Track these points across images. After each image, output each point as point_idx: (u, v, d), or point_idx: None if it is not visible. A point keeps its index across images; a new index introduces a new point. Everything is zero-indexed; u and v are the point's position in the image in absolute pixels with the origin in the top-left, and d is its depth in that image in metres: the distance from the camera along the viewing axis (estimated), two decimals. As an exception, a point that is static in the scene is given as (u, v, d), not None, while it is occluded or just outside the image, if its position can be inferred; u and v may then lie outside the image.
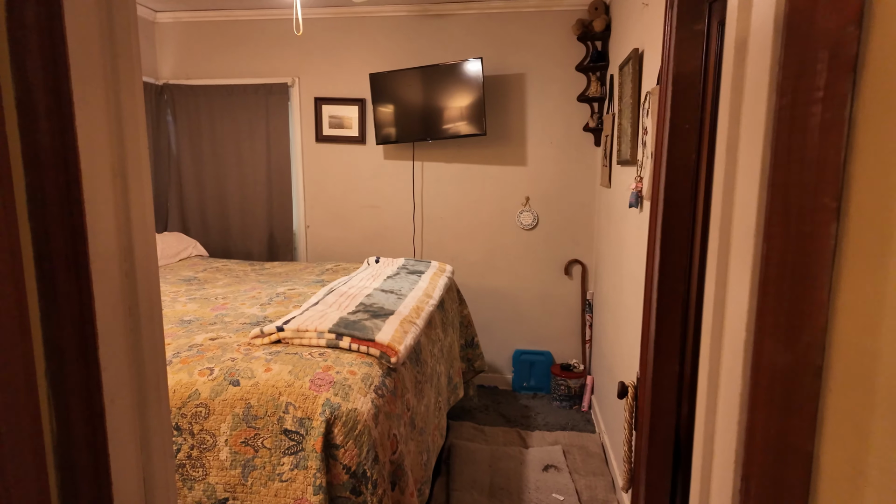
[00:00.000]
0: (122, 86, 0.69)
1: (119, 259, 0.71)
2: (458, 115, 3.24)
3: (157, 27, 3.77)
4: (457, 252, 3.60)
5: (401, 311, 1.95)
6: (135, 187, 0.72)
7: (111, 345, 0.69)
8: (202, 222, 3.87)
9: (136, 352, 0.74)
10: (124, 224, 0.72)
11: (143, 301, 0.74)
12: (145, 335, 0.75)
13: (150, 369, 0.77)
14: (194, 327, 1.87)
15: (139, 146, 0.73)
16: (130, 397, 0.74)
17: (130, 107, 0.72)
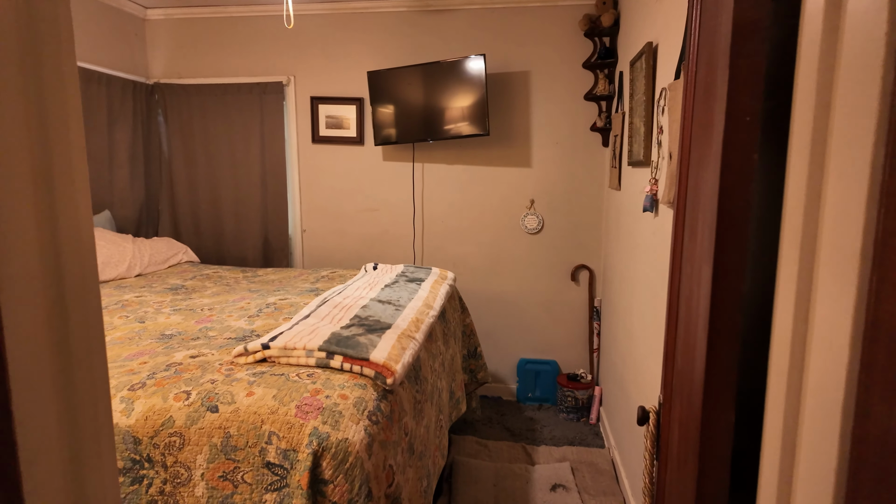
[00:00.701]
0: (46, 74, 0.55)
1: (42, 283, 0.56)
2: (460, 115, 3.10)
3: (148, 24, 3.64)
4: (458, 257, 3.46)
5: (399, 325, 1.81)
6: (65, 193, 0.57)
7: (30, 391, 0.55)
8: (195, 227, 3.74)
9: (67, 397, 0.60)
10: (49, 239, 0.57)
11: (78, 334, 0.59)
12: (81, 376, 0.61)
13: (87, 418, 0.62)
14: (175, 343, 1.73)
15: (71, 145, 0.58)
16: (59, 455, 0.59)
17: (59, 99, 0.57)
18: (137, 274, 2.80)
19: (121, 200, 3.39)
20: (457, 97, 3.09)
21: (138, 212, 3.53)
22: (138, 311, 2.10)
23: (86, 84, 3.08)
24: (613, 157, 2.90)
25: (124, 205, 3.40)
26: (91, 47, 3.20)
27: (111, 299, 2.26)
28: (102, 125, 3.22)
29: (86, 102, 3.09)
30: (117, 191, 3.37)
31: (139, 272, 2.81)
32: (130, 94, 3.41)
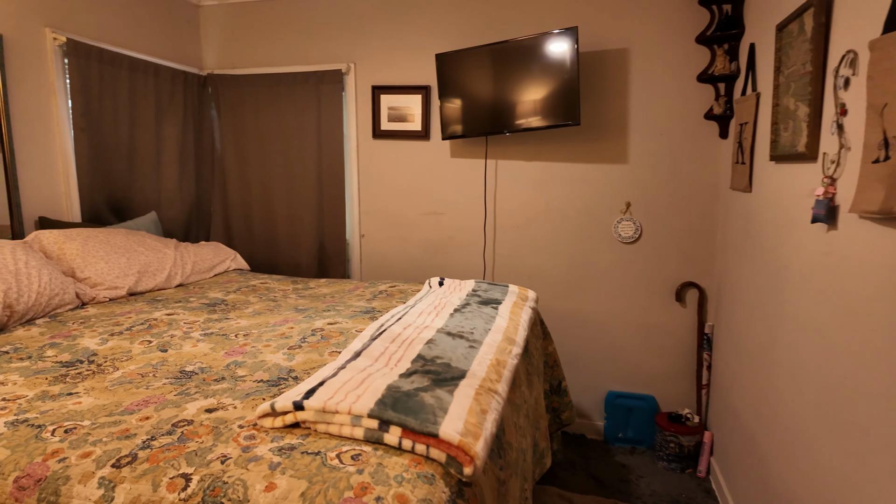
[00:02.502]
0: None
1: None
2: (543, 102, 2.61)
3: (202, 11, 3.39)
4: (535, 269, 2.97)
5: (475, 372, 1.35)
6: None
7: None
8: (247, 230, 3.46)
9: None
10: None
11: None
12: None
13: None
14: (193, 386, 1.36)
15: None
16: None
17: None
18: (178, 284, 2.51)
19: (168, 201, 3.14)
20: (540, 81, 2.59)
21: (188, 213, 3.28)
22: (164, 334, 1.77)
23: (131, 73, 2.83)
24: (738, 151, 2.32)
25: (172, 206, 3.16)
26: (139, 35, 2.96)
27: (139, 317, 1.95)
28: (149, 119, 2.97)
29: (131, 94, 2.85)
30: (165, 191, 3.12)
31: (180, 282, 2.52)
32: (181, 85, 3.16)
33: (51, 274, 1.99)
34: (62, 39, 2.47)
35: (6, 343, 1.66)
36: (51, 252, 2.19)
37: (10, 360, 1.52)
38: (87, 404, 1.25)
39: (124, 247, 2.41)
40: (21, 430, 1.12)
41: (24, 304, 1.85)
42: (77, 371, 1.46)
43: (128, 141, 2.86)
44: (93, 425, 1.14)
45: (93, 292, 2.17)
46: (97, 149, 2.69)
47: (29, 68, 2.37)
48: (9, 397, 1.28)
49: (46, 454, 1.04)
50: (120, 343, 1.68)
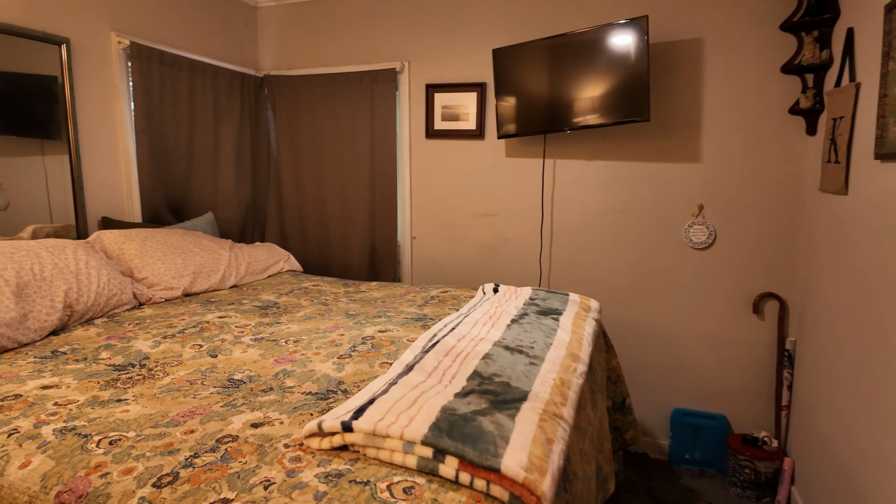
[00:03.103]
0: None
1: None
2: (606, 98, 2.44)
3: (260, 13, 3.41)
4: (596, 275, 2.80)
5: (538, 393, 1.23)
6: None
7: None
8: (301, 231, 3.46)
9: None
10: None
11: None
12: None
13: None
14: (240, 397, 1.30)
15: None
16: None
17: None
18: (232, 285, 2.51)
19: (225, 201, 3.18)
20: (605, 74, 2.43)
21: (243, 214, 3.31)
22: (215, 338, 1.74)
23: (190, 76, 2.87)
24: (831, 149, 2.08)
25: (228, 206, 3.19)
26: (199, 37, 3.00)
27: (192, 319, 1.94)
28: (208, 120, 3.01)
29: (190, 96, 2.89)
30: (221, 191, 3.16)
31: (234, 283, 2.52)
32: (238, 87, 3.19)
33: (109, 274, 2.02)
34: (126, 43, 2.52)
35: (65, 343, 1.68)
36: (111, 252, 2.23)
37: (66, 362, 1.52)
38: (134, 413, 1.21)
39: (181, 247, 2.42)
40: (68, 440, 1.09)
41: (83, 304, 1.87)
42: (128, 375, 1.44)
43: (187, 142, 2.91)
44: (137, 437, 1.10)
45: (149, 293, 2.18)
46: (157, 150, 2.73)
47: (94, 72, 2.43)
48: (61, 402, 1.27)
49: (90, 468, 1.00)
50: (172, 346, 1.66)
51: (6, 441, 1.09)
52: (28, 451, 1.06)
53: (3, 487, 0.99)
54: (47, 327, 1.73)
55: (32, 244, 1.88)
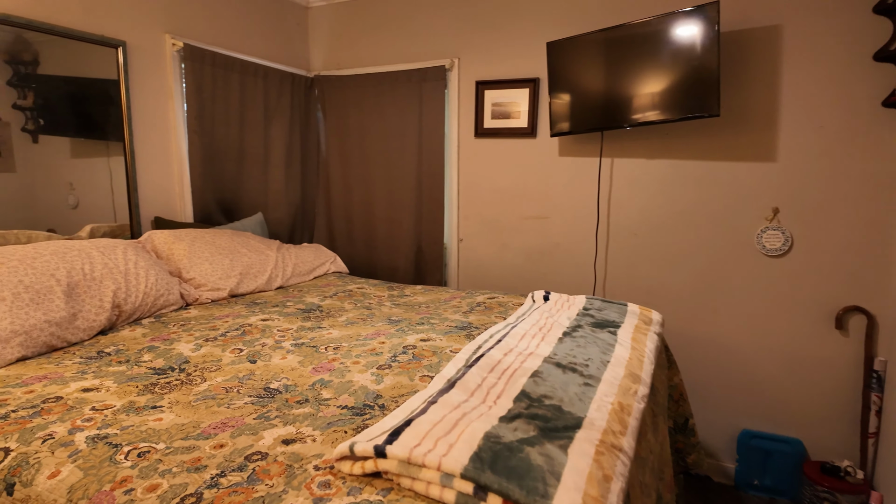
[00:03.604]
0: None
1: None
2: (671, 92, 2.26)
3: (311, 13, 3.41)
4: (656, 283, 2.61)
5: (593, 420, 1.10)
6: None
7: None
8: (348, 232, 3.43)
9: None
10: None
11: None
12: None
13: None
14: (275, 408, 1.25)
15: None
16: None
17: None
18: (278, 286, 2.50)
19: (275, 202, 3.19)
20: (670, 66, 2.24)
21: (293, 214, 3.32)
22: (256, 342, 1.71)
23: (242, 77, 2.89)
24: (936, 145, 1.82)
25: (278, 207, 3.20)
26: (250, 39, 3.02)
27: (235, 321, 1.92)
28: (258, 121, 3.02)
29: (241, 96, 2.90)
30: (271, 192, 3.17)
31: (280, 284, 2.51)
32: (288, 87, 3.19)
33: (157, 274, 2.03)
34: (180, 45, 2.56)
35: (111, 343, 1.68)
36: (161, 252, 2.25)
37: (109, 363, 1.52)
38: (167, 422, 1.18)
39: (228, 248, 2.43)
40: (98, 449, 1.06)
41: (131, 304, 1.88)
42: (167, 380, 1.41)
43: (238, 143, 2.93)
44: (166, 449, 1.06)
45: (196, 293, 2.19)
46: (209, 151, 2.76)
47: (149, 74, 2.47)
48: (98, 406, 1.25)
49: (115, 482, 0.96)
50: (212, 350, 1.64)
51: (40, 447, 1.07)
52: (59, 459, 1.03)
53: (30, 498, 0.97)
54: (96, 327, 1.75)
55: (85, 244, 1.91)
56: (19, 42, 2.00)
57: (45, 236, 2.10)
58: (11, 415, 1.20)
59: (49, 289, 1.65)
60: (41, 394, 1.31)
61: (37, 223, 2.10)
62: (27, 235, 2.05)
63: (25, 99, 2.04)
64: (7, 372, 1.44)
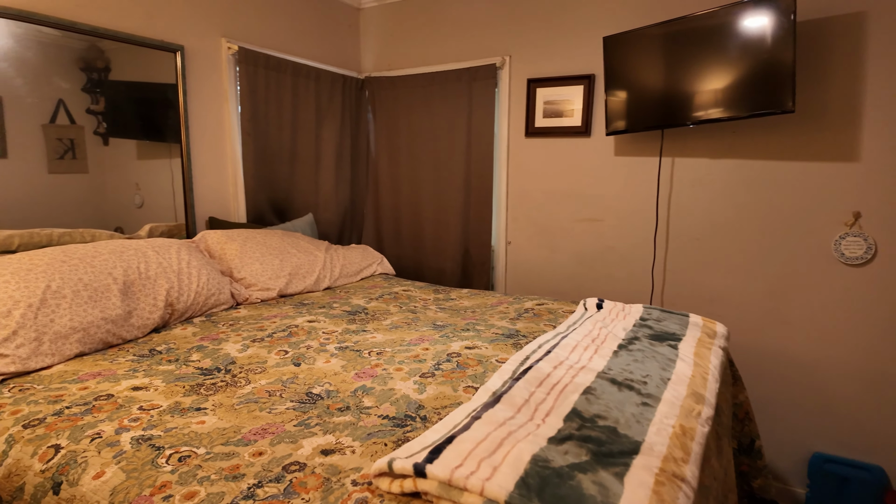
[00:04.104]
0: None
1: None
2: (738, 87, 2.10)
3: (362, 14, 3.42)
4: (720, 292, 2.44)
5: (653, 445, 1.01)
6: None
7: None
8: (395, 234, 3.42)
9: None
10: None
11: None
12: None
13: None
14: (315, 416, 1.22)
15: None
16: None
17: None
18: (326, 287, 2.50)
19: (325, 203, 3.21)
20: (738, 59, 2.09)
21: (342, 215, 3.34)
22: (301, 345, 1.70)
23: (294, 79, 2.92)
24: None
25: (328, 208, 3.22)
26: (303, 41, 3.05)
27: (283, 322, 1.92)
28: (310, 123, 3.05)
29: (294, 98, 2.94)
30: (322, 193, 3.19)
31: (328, 285, 2.51)
32: (340, 89, 3.21)
33: (209, 274, 2.06)
34: (235, 48, 2.61)
35: (163, 342, 1.72)
36: (214, 252, 2.30)
37: (160, 362, 1.55)
38: (209, 425, 1.17)
39: (279, 248, 2.45)
40: (142, 451, 1.06)
41: (183, 303, 1.92)
42: (212, 381, 1.42)
43: (290, 144, 2.96)
44: (206, 455, 1.05)
45: (247, 293, 2.22)
46: (262, 152, 2.81)
47: (205, 77, 2.53)
48: (145, 406, 1.26)
49: (155, 487, 0.95)
50: (258, 352, 1.64)
51: (88, 446, 1.08)
52: (104, 459, 1.04)
53: (74, 498, 0.98)
54: (149, 325, 1.79)
55: (141, 244, 1.96)
56: (93, 50, 2.09)
57: (107, 235, 2.18)
58: (65, 411, 1.23)
59: (106, 287, 1.70)
60: (94, 391, 1.34)
61: (106, 222, 2.19)
62: (91, 234, 2.13)
63: (97, 104, 2.13)
64: (65, 367, 1.48)
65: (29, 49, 1.89)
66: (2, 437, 1.16)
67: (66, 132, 2.04)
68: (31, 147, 1.94)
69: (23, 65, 1.88)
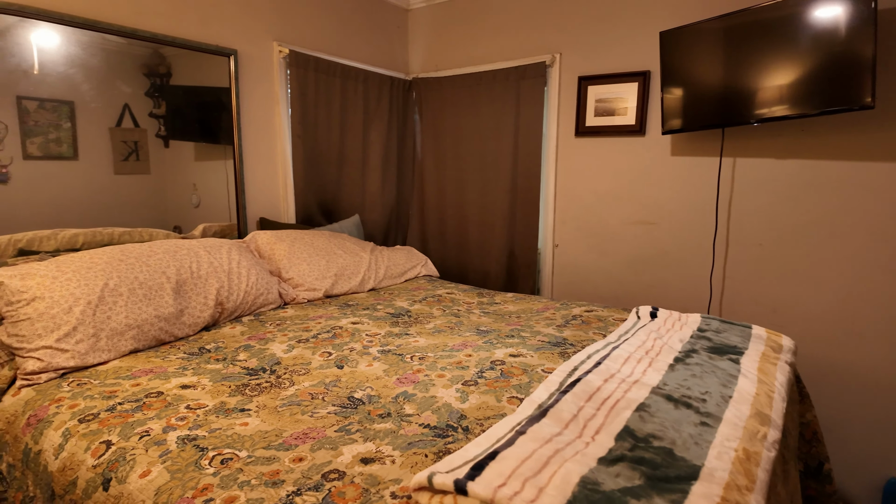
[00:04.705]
0: None
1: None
2: (808, 81, 1.95)
3: (411, 15, 3.41)
4: (785, 301, 2.28)
5: (713, 471, 0.93)
6: None
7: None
8: (440, 235, 3.40)
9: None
10: None
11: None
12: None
13: None
14: (355, 422, 1.20)
15: None
16: None
17: None
18: (370, 288, 2.50)
19: (371, 204, 3.23)
20: (807, 53, 1.94)
21: (388, 217, 3.34)
22: (345, 346, 1.69)
23: (343, 81, 2.94)
24: None
25: (374, 209, 3.23)
26: (352, 43, 3.07)
27: (327, 323, 1.93)
28: (358, 124, 3.07)
29: (342, 101, 2.96)
30: (368, 194, 3.21)
31: (373, 286, 2.52)
32: (387, 90, 3.22)
33: (258, 274, 2.10)
34: (286, 51, 2.65)
35: (212, 340, 1.75)
36: (263, 252, 2.34)
37: (208, 360, 1.58)
38: (252, 427, 1.17)
39: (325, 249, 2.47)
40: (187, 451, 1.07)
41: (233, 303, 1.96)
42: (257, 381, 1.43)
43: (338, 146, 2.99)
44: (248, 458, 1.05)
45: (294, 293, 2.24)
46: (311, 154, 2.84)
47: (257, 81, 2.58)
48: (192, 405, 1.28)
49: (197, 489, 0.95)
50: (303, 353, 1.64)
51: (136, 444, 1.11)
52: (151, 458, 1.06)
53: (122, 496, 0.99)
54: (200, 323, 1.83)
55: (193, 243, 2.02)
56: (155, 56, 2.17)
57: (163, 234, 2.26)
58: (118, 407, 1.26)
59: (160, 286, 1.75)
60: (145, 388, 1.37)
61: (165, 221, 2.28)
62: (149, 233, 2.21)
63: (159, 108, 2.22)
64: (120, 363, 1.53)
65: (94, 56, 1.98)
66: (59, 431, 1.20)
67: (131, 135, 2.13)
68: (99, 149, 2.03)
69: (90, 71, 1.97)
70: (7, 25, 1.76)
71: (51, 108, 1.88)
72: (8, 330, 1.49)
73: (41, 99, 1.86)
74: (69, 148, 1.95)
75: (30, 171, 1.85)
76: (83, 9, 1.93)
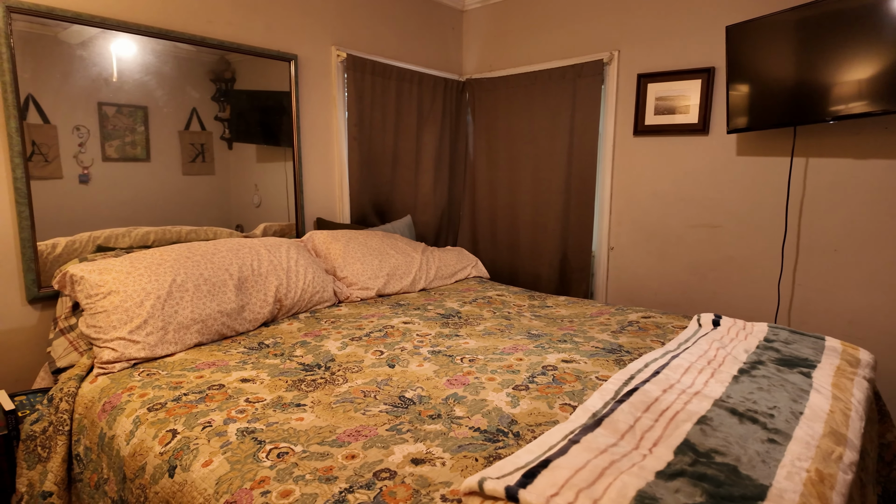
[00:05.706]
0: None
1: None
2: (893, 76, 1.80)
3: (466, 16, 3.41)
4: (862, 311, 2.12)
5: (782, 492, 0.88)
6: None
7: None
8: (491, 236, 3.38)
9: None
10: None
11: None
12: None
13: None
14: (406, 422, 1.21)
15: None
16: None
17: None
18: (421, 288, 2.52)
19: (423, 205, 3.25)
20: (892, 44, 1.79)
21: (439, 217, 3.36)
22: (395, 346, 1.71)
23: (398, 84, 2.98)
24: None
25: (426, 210, 3.26)
26: (407, 46, 3.11)
27: (380, 322, 1.96)
28: (412, 126, 3.10)
29: (397, 103, 3.00)
30: (420, 195, 3.24)
31: (423, 286, 2.53)
32: (441, 92, 3.23)
33: (315, 272, 2.16)
34: (343, 56, 2.71)
35: (271, 336, 1.82)
36: (320, 251, 2.40)
37: (266, 355, 1.63)
38: (307, 422, 1.20)
39: (378, 249, 2.51)
40: (246, 443, 1.11)
41: (290, 300, 2.02)
42: (312, 377, 1.47)
43: (392, 148, 3.03)
44: (303, 453, 1.07)
45: (348, 291, 2.29)
46: (366, 156, 2.89)
47: (315, 84, 2.65)
48: (252, 398, 1.33)
49: (255, 481, 0.99)
50: (356, 350, 1.67)
51: (199, 434, 1.16)
52: (213, 448, 1.10)
53: (186, 483, 1.04)
54: (259, 319, 1.90)
55: (255, 242, 2.10)
56: (222, 62, 2.28)
57: (226, 233, 2.36)
58: (183, 398, 1.33)
59: (223, 282, 1.83)
60: (208, 380, 1.44)
61: (228, 220, 2.38)
62: (213, 232, 2.32)
63: (224, 111, 2.32)
64: (185, 356, 1.61)
65: (166, 63, 2.09)
66: (131, 418, 1.28)
67: (198, 138, 2.24)
68: (169, 151, 2.14)
69: (162, 78, 2.09)
70: (90, 37, 1.88)
71: (127, 112, 2.00)
72: (87, 321, 1.59)
73: (119, 105, 1.98)
74: (142, 150, 2.07)
75: (108, 173, 1.98)
76: (158, 19, 2.04)
